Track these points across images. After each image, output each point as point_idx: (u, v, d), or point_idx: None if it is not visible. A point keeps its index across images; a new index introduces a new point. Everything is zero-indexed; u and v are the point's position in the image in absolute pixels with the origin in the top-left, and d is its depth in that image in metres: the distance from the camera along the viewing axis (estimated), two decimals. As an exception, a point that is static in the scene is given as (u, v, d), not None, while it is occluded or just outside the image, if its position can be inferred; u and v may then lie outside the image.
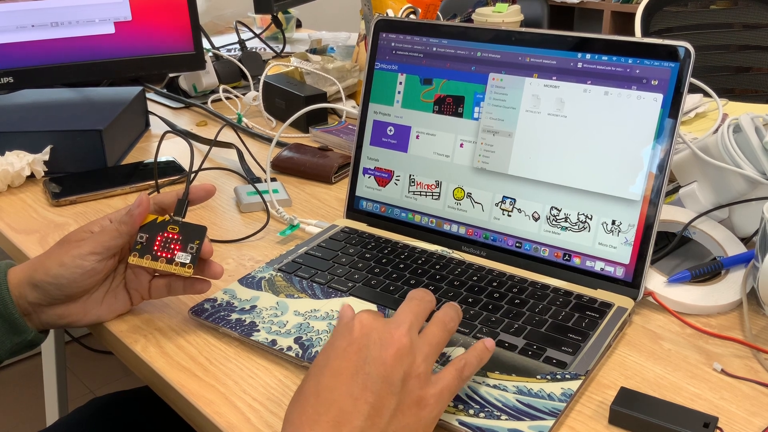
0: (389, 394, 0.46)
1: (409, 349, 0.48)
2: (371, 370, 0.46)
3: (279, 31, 1.75)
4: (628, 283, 0.69)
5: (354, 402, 0.45)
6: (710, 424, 0.53)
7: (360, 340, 0.48)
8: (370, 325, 0.49)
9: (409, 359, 0.48)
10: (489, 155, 0.76)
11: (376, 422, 0.45)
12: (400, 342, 0.48)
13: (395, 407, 0.46)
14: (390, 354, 0.47)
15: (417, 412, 0.48)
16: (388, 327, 0.49)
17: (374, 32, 0.83)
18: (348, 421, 0.45)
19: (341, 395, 0.46)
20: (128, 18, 1.08)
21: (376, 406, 0.46)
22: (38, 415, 1.66)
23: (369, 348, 0.48)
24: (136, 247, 0.64)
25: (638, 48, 0.69)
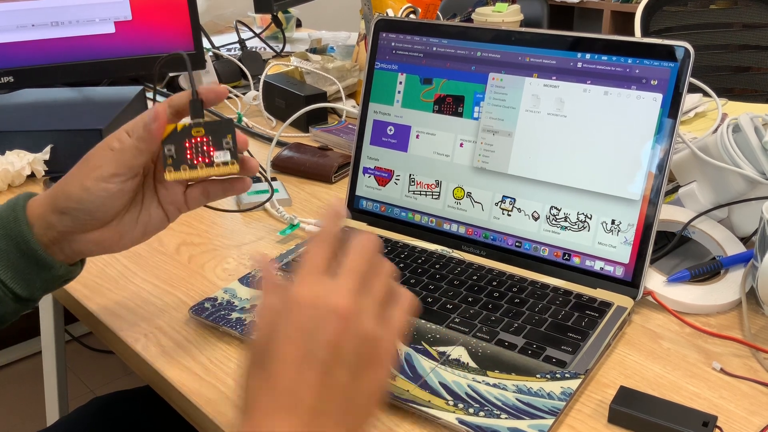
0: (342, 368, 0.44)
1: (355, 317, 0.44)
2: (319, 353, 0.43)
3: (279, 30, 1.75)
4: (627, 282, 0.70)
5: (307, 386, 0.43)
6: (709, 423, 0.53)
7: (302, 321, 0.44)
8: (311, 297, 0.44)
9: (356, 326, 0.44)
10: (489, 155, 0.76)
11: (333, 398, 0.44)
12: (343, 313, 0.44)
13: (351, 378, 0.44)
14: (335, 331, 0.44)
15: (380, 374, 0.45)
16: (329, 298, 0.44)
17: (374, 32, 0.83)
18: (304, 405, 0.43)
19: (293, 381, 0.43)
20: (128, 17, 1.09)
21: (330, 385, 0.43)
22: (38, 414, 1.66)
23: (316, 332, 0.44)
24: (167, 162, 0.58)
25: (638, 48, 0.69)
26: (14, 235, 0.58)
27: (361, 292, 0.45)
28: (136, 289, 0.75)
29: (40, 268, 0.60)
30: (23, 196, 0.60)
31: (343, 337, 0.43)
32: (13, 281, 0.59)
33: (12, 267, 0.59)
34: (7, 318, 0.61)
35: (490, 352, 0.62)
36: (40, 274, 0.60)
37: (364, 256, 0.47)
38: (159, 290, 0.74)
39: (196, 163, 0.59)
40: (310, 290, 0.44)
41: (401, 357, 0.61)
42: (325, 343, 0.43)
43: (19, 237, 0.58)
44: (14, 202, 0.60)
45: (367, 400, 0.45)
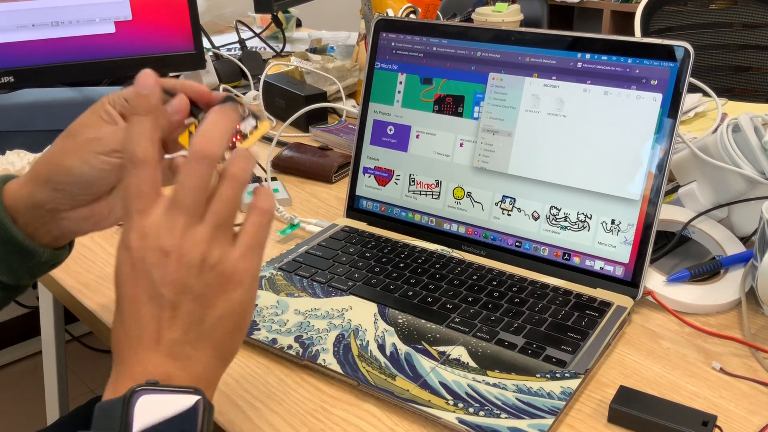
0: (190, 300, 0.44)
1: (192, 247, 0.44)
2: (162, 291, 0.44)
3: (279, 30, 1.75)
4: (627, 282, 0.70)
5: (159, 321, 0.44)
6: (709, 422, 0.53)
7: (140, 264, 0.44)
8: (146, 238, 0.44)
9: (189, 259, 0.44)
10: (489, 155, 0.76)
11: (190, 329, 0.44)
12: (172, 252, 0.44)
13: (202, 306, 0.44)
14: (173, 268, 0.43)
15: (230, 296, 0.45)
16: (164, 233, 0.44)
17: (374, 32, 0.83)
18: (162, 339, 0.44)
19: (142, 319, 0.44)
20: (128, 17, 1.09)
21: (181, 316, 0.44)
22: (39, 413, 1.66)
23: (151, 272, 0.44)
24: None
25: (638, 48, 0.69)
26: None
27: (192, 223, 0.44)
28: (137, 289, 0.75)
29: (23, 255, 0.57)
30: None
31: (179, 273, 0.44)
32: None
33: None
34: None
35: (490, 351, 0.62)
36: (23, 262, 0.58)
37: (189, 185, 0.44)
38: (159, 290, 0.74)
39: (233, 144, 0.57)
40: (136, 231, 0.44)
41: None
42: (163, 282, 0.43)
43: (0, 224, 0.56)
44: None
45: (225, 322, 0.45)
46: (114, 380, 0.44)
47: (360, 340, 0.63)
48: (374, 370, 0.59)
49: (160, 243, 0.44)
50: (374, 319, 0.66)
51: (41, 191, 0.56)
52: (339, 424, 0.56)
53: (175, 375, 0.44)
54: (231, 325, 0.46)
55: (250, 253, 0.46)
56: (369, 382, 0.58)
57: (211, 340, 0.45)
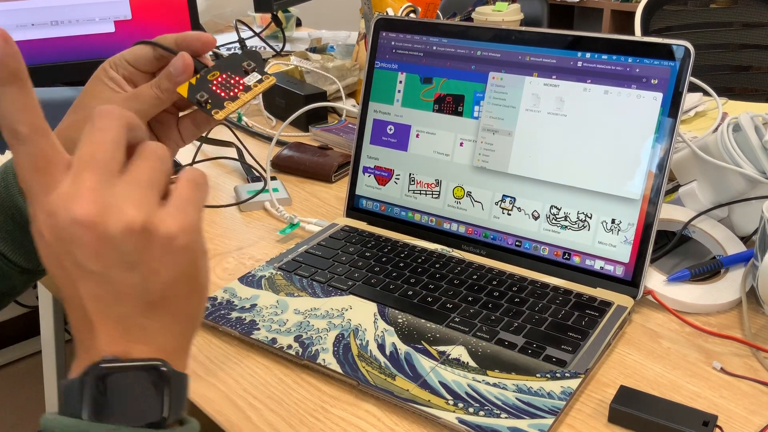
0: (127, 271, 0.39)
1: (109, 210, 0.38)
2: (91, 266, 0.39)
3: (279, 29, 1.75)
4: (627, 281, 0.69)
5: (100, 300, 0.39)
6: (709, 422, 0.53)
7: (58, 245, 0.39)
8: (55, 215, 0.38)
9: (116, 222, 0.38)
10: (489, 154, 0.76)
11: (136, 302, 0.40)
12: (89, 222, 0.38)
13: (144, 275, 0.39)
14: (92, 242, 0.38)
15: (171, 258, 0.40)
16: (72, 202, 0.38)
17: (374, 31, 0.83)
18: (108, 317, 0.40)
19: (85, 300, 0.39)
20: (128, 17, 1.08)
21: (124, 290, 0.39)
22: (38, 413, 1.66)
23: (72, 252, 0.38)
24: (207, 106, 0.55)
25: (638, 47, 0.69)
26: (8, 207, 0.55)
27: (102, 182, 0.38)
28: (136, 289, 0.74)
29: None
30: (11, 164, 0.56)
31: (101, 244, 0.38)
32: (15, 253, 0.56)
33: (11, 239, 0.56)
34: (18, 289, 0.58)
35: (490, 351, 0.62)
36: None
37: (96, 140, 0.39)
38: (159, 289, 0.74)
39: (234, 94, 0.56)
40: (42, 211, 0.39)
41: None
42: (88, 257, 0.38)
43: (13, 207, 0.54)
44: (4, 169, 0.56)
45: (176, 285, 0.41)
46: (75, 364, 0.40)
47: (360, 339, 0.63)
48: (374, 369, 0.59)
49: (70, 215, 0.38)
50: (374, 319, 0.66)
51: None
52: (339, 423, 0.56)
53: (134, 350, 0.40)
54: (185, 288, 0.41)
55: (183, 209, 0.40)
56: (369, 382, 0.58)
57: (166, 307, 0.41)
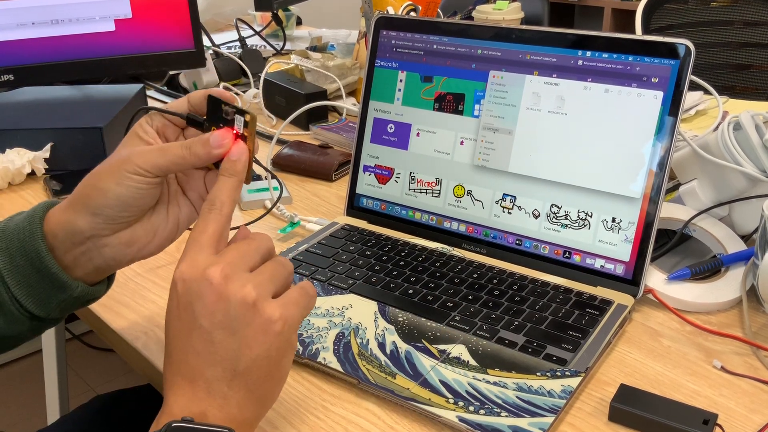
0: (228, 336, 0.46)
1: (226, 282, 0.47)
2: (202, 322, 0.46)
3: (279, 28, 1.75)
4: (628, 280, 0.69)
5: (198, 356, 0.46)
6: (710, 420, 0.53)
7: (184, 297, 0.47)
8: (190, 278, 0.47)
9: (228, 290, 0.46)
10: (489, 153, 0.76)
11: (226, 366, 0.46)
12: (216, 283, 0.46)
13: (239, 345, 0.46)
14: (212, 300, 0.46)
15: (265, 338, 0.47)
16: (205, 272, 0.47)
17: (374, 30, 0.83)
18: (200, 375, 0.46)
19: (187, 354, 0.46)
20: (128, 15, 1.08)
21: (220, 353, 0.46)
22: (39, 412, 1.66)
23: (193, 303, 0.47)
24: None
25: (638, 45, 0.69)
26: (29, 251, 0.55)
27: (238, 264, 0.48)
28: (136, 287, 0.75)
29: (56, 287, 0.55)
30: (42, 207, 0.56)
31: (219, 304, 0.46)
32: (28, 299, 0.55)
33: (27, 284, 0.55)
34: (24, 336, 0.58)
35: (491, 350, 0.62)
36: (55, 294, 0.56)
37: (250, 243, 0.50)
38: (159, 288, 0.74)
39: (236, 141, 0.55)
40: (188, 265, 0.47)
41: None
42: (205, 312, 0.46)
43: (34, 253, 0.54)
44: (31, 213, 0.56)
45: (262, 364, 0.47)
46: (158, 415, 0.47)
47: (360, 338, 0.63)
48: (374, 368, 0.59)
49: (206, 273, 0.46)
50: (374, 318, 0.66)
51: (80, 217, 0.54)
52: (339, 422, 0.56)
53: (210, 413, 0.46)
54: (266, 369, 0.48)
55: (290, 306, 0.48)
56: (369, 381, 0.58)
57: (247, 382, 0.47)
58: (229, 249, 0.49)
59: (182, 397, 0.46)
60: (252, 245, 0.50)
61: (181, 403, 0.46)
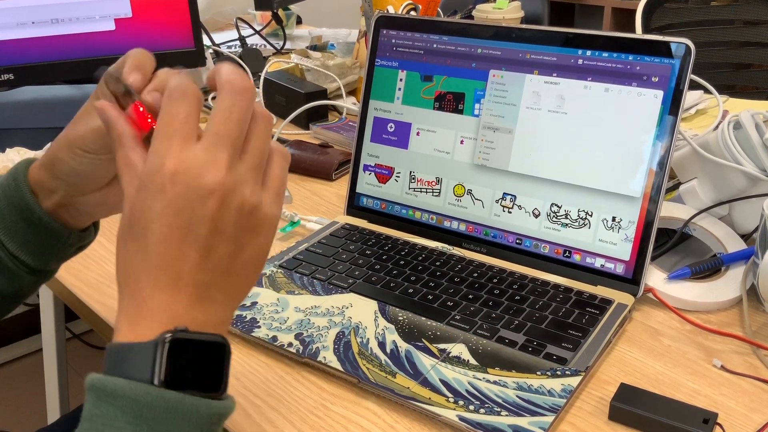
0: (224, 241, 0.43)
1: (232, 191, 0.42)
2: (199, 229, 0.42)
3: (279, 27, 1.75)
4: (628, 279, 0.69)
5: (190, 262, 0.42)
6: (710, 420, 0.53)
7: (177, 201, 0.42)
8: (186, 182, 0.42)
9: (233, 199, 0.43)
10: (489, 152, 0.76)
11: (216, 270, 0.43)
12: (222, 187, 0.42)
13: (234, 249, 0.43)
14: (213, 208, 0.42)
15: (260, 238, 0.44)
16: (203, 174, 0.42)
17: (374, 29, 0.83)
18: (189, 278, 0.42)
19: (174, 258, 0.42)
20: (128, 15, 1.08)
21: (212, 259, 0.43)
22: (39, 411, 1.66)
23: (192, 209, 0.42)
24: None
25: (639, 45, 0.69)
26: (18, 204, 0.55)
27: (235, 161, 0.43)
28: (137, 287, 0.74)
29: (50, 236, 0.56)
30: (24, 163, 0.57)
31: (221, 212, 0.42)
32: (24, 253, 0.56)
33: (22, 238, 0.56)
34: (25, 291, 0.59)
35: (491, 349, 0.62)
36: (51, 244, 0.57)
37: (232, 118, 0.43)
38: (159, 287, 0.74)
39: None
40: (180, 165, 0.41)
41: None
42: (203, 220, 0.42)
43: (24, 206, 0.55)
44: (15, 169, 0.57)
45: (248, 267, 0.45)
46: (129, 318, 0.42)
47: (360, 337, 0.63)
48: (374, 367, 0.59)
49: (204, 180, 0.41)
50: (375, 317, 0.66)
51: (50, 180, 0.55)
52: (339, 421, 0.56)
53: (200, 320, 0.42)
54: (253, 269, 0.45)
55: (278, 199, 0.45)
56: (369, 380, 0.58)
57: (234, 284, 0.44)
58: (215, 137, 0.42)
59: (167, 303, 0.42)
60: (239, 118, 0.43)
61: (168, 310, 0.42)
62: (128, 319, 0.42)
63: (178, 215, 0.42)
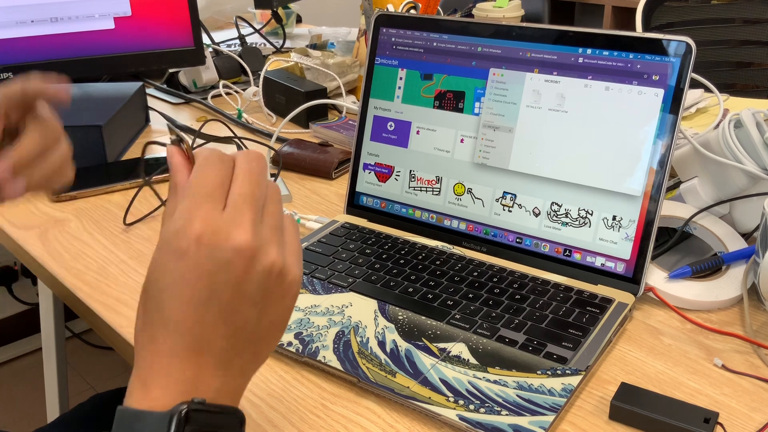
0: (250, 306, 0.41)
1: (258, 252, 0.41)
2: (222, 294, 0.40)
3: (279, 26, 1.75)
4: (628, 278, 0.69)
5: (212, 328, 0.41)
6: (711, 419, 0.53)
7: (206, 265, 0.40)
8: (213, 244, 0.40)
9: (259, 261, 0.41)
10: (489, 150, 0.76)
11: (241, 336, 0.42)
12: (247, 252, 0.41)
13: (258, 313, 0.42)
14: (240, 271, 0.40)
15: (284, 302, 0.43)
16: (230, 235, 0.41)
17: (374, 27, 0.83)
18: (208, 345, 0.41)
19: (195, 324, 0.40)
20: (128, 13, 1.08)
21: (238, 324, 0.41)
22: (39, 410, 1.66)
23: (217, 274, 0.40)
24: None
25: (639, 43, 0.69)
26: None
27: (258, 222, 0.42)
28: (136, 286, 0.75)
29: None
30: None
31: (248, 275, 0.41)
32: None
33: None
34: None
35: (491, 348, 0.61)
36: None
37: (253, 180, 0.43)
38: (159, 287, 0.74)
39: None
40: (206, 226, 0.40)
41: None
42: (229, 283, 0.40)
43: None
44: None
45: (271, 331, 0.44)
46: (143, 380, 0.41)
47: (360, 336, 0.63)
48: (374, 367, 0.59)
49: (231, 241, 0.40)
50: (374, 316, 0.66)
51: None
52: (339, 421, 0.56)
53: (217, 387, 0.41)
54: (275, 333, 0.44)
55: (299, 261, 0.44)
56: (369, 379, 0.58)
57: (255, 347, 0.43)
58: (240, 198, 0.42)
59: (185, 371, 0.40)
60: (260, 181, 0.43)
61: (186, 378, 0.40)
62: (142, 382, 0.41)
63: (201, 278, 0.40)
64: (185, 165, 0.44)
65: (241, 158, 0.44)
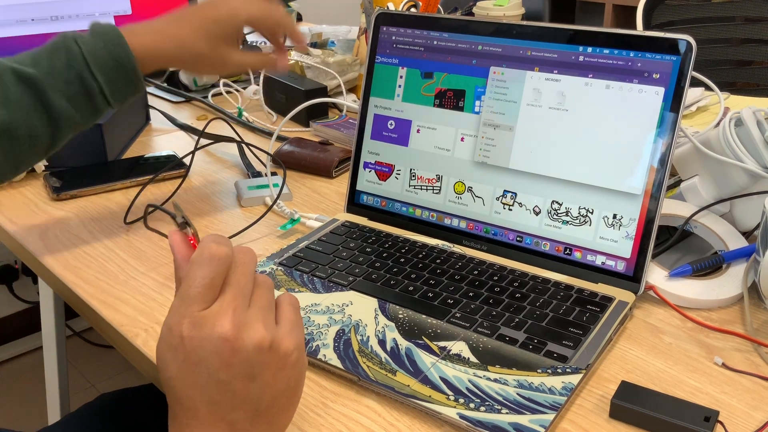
0: (249, 382, 0.45)
1: (241, 331, 0.45)
2: (220, 376, 0.44)
3: (279, 24, 1.75)
4: (629, 277, 0.69)
5: (218, 404, 0.45)
6: (711, 417, 0.53)
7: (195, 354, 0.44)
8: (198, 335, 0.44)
9: (243, 339, 0.45)
10: (490, 149, 0.76)
11: (248, 408, 0.46)
12: (231, 337, 0.44)
13: (261, 387, 0.46)
14: (228, 354, 0.44)
15: (284, 373, 0.47)
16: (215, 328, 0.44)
17: (375, 26, 0.83)
18: (220, 419, 0.45)
19: (203, 403, 0.45)
20: (128, 12, 1.08)
21: (241, 398, 0.45)
22: (39, 409, 1.67)
23: (207, 360, 0.44)
24: None
25: (640, 41, 0.69)
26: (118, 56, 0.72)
27: (243, 309, 0.46)
28: (137, 285, 0.75)
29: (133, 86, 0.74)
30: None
31: (237, 354, 0.44)
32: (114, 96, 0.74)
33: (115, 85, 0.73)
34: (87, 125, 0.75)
35: (491, 347, 0.61)
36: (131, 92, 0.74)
37: (243, 272, 0.47)
38: (159, 285, 0.74)
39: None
40: (193, 325, 0.45)
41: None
42: (219, 366, 0.44)
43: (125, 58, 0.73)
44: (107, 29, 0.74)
45: (281, 397, 0.47)
46: None
47: (360, 335, 0.63)
48: (375, 365, 0.59)
49: (216, 330, 0.44)
50: (375, 315, 0.66)
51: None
52: (339, 419, 0.56)
53: None
54: (286, 401, 0.48)
55: (295, 330, 0.48)
56: (369, 378, 0.58)
57: (269, 416, 0.47)
58: (227, 289, 0.46)
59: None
60: (247, 271, 0.47)
61: None
62: None
63: (198, 366, 0.45)
64: (186, 258, 0.49)
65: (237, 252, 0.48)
